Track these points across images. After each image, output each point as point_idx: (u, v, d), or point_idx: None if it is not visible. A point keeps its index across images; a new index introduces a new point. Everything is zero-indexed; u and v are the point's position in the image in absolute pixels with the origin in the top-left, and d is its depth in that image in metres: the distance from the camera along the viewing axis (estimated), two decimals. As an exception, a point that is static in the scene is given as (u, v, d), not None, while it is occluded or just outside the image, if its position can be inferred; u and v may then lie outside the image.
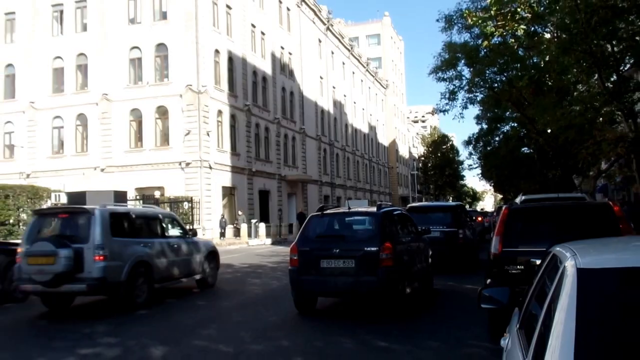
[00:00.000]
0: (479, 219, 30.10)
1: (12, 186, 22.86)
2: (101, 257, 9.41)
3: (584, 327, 1.90)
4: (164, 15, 32.66)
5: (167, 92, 31.93)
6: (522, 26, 17.24)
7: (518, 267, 7.05)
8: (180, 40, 31.78)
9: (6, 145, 35.89)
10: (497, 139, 38.73)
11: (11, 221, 21.42)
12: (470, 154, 43.74)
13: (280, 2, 44.52)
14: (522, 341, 2.62)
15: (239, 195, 35.22)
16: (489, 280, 7.12)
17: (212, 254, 13.19)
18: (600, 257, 2.59)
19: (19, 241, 17.09)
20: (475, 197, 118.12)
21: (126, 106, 32.62)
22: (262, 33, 40.47)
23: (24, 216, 22.13)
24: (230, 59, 35.35)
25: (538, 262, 3.80)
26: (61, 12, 34.89)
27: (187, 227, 15.81)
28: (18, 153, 34.63)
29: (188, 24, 31.72)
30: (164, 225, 11.89)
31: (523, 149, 37.61)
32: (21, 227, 21.80)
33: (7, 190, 21.49)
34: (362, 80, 69.90)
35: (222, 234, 31.13)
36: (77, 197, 20.79)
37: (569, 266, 2.30)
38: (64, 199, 23.50)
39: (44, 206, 23.37)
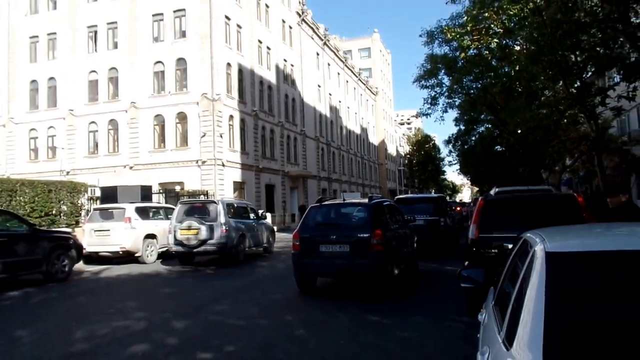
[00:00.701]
0: (458, 209, 29.92)
1: (54, 182, 22.63)
2: (224, 230, 13.69)
3: (552, 304, 1.91)
4: (183, 34, 32.41)
5: (186, 100, 31.70)
6: (495, 40, 17.10)
7: (492, 250, 7.02)
8: (197, 55, 31.55)
9: (49, 147, 35.71)
10: (473, 138, 38.49)
11: (54, 212, 21.19)
12: (450, 151, 43.45)
13: (284, 22, 44.23)
14: (497, 316, 2.60)
15: (248, 189, 35.04)
16: (467, 263, 7.06)
17: (272, 232, 17.69)
18: (566, 242, 2.55)
19: (60, 229, 17.07)
20: (454, 189, 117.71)
21: (151, 112, 32.41)
22: (268, 48, 40.20)
23: (64, 207, 21.90)
24: (240, 71, 35.11)
25: (510, 246, 3.75)
26: (95, 32, 34.63)
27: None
28: (59, 154, 34.46)
29: (204, 41, 31.48)
30: (248, 212, 16.11)
31: (496, 147, 37.35)
32: (62, 217, 21.62)
33: (50, 186, 21.25)
34: (354, 88, 69.56)
35: None
36: (109, 191, 20.90)
37: (539, 250, 2.28)
38: (98, 193, 23.37)
39: (82, 199, 23.22)
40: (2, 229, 10.98)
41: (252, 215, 16.12)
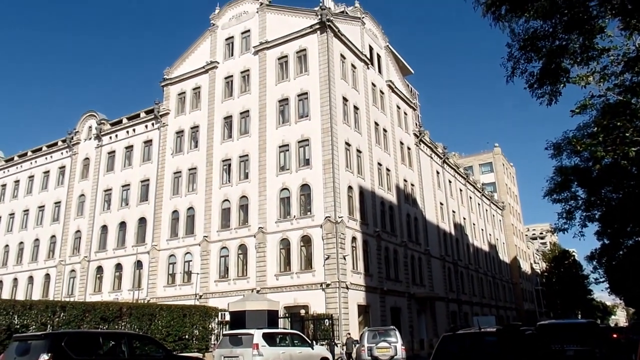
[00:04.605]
0: (614, 335, 26.16)
1: (189, 306, 24.25)
2: (404, 349, 21.12)
3: None
4: (307, 162, 34.86)
5: (310, 224, 33.08)
6: (633, 148, 15.89)
7: None
8: (320, 181, 33.42)
9: (185, 271, 38.69)
10: (621, 252, 34.48)
11: (186, 336, 22.30)
12: (595, 268, 39.03)
13: (402, 143, 45.84)
14: None
15: (373, 312, 34.12)
16: None
17: None
18: None
19: (192, 354, 17.82)
20: (606, 311, 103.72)
21: (277, 237, 34.16)
22: (387, 170, 41.46)
23: (196, 332, 23.00)
24: (362, 193, 36.25)
25: None
26: (229, 165, 38.68)
27: (328, 341, 24.83)
28: (194, 278, 37.08)
29: (326, 167, 33.46)
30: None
31: None
32: (194, 341, 22.60)
33: (185, 310, 22.71)
34: (479, 204, 67.72)
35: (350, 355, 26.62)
36: (238, 316, 21.70)
37: None
38: (228, 317, 24.34)
39: (212, 323, 24.23)
40: (142, 353, 11.86)
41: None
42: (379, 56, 45.56)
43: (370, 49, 43.78)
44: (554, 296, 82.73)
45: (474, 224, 62.81)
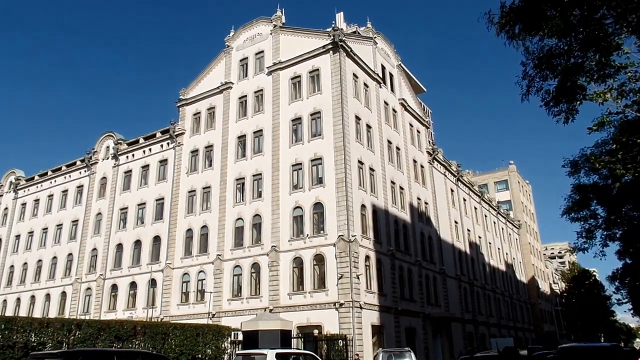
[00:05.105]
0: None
1: (202, 325, 24.14)
2: None
3: None
4: (320, 181, 34.83)
5: (323, 242, 32.91)
6: None
7: None
8: (333, 199, 33.32)
9: (198, 290, 38.61)
10: None
11: (199, 355, 22.15)
12: (618, 288, 38.01)
13: (415, 162, 45.68)
14: None
15: (387, 333, 33.62)
16: None
17: None
18: None
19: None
20: (630, 333, 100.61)
21: (290, 255, 34.01)
22: (401, 188, 41.25)
23: (209, 351, 22.85)
24: (375, 212, 36.05)
25: None
26: (242, 184, 38.84)
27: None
28: (207, 297, 36.98)
29: (339, 186, 33.40)
30: None
31: None
32: (206, 360, 22.41)
33: (198, 329, 22.61)
34: (494, 222, 66.93)
35: None
36: (251, 335, 21.52)
37: None
38: (241, 337, 24.18)
39: (225, 343, 24.07)
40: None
41: None
42: (391, 75, 45.74)
43: (383, 67, 44.01)
44: (574, 317, 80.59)
45: (489, 243, 62.00)
